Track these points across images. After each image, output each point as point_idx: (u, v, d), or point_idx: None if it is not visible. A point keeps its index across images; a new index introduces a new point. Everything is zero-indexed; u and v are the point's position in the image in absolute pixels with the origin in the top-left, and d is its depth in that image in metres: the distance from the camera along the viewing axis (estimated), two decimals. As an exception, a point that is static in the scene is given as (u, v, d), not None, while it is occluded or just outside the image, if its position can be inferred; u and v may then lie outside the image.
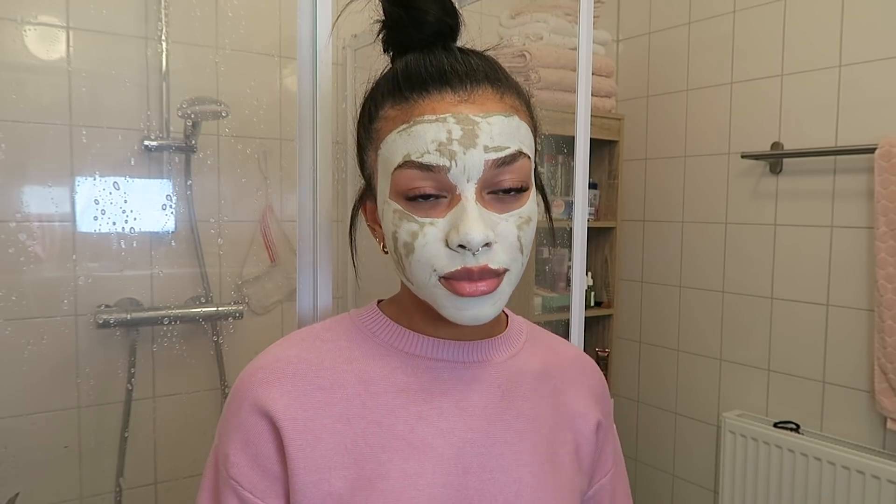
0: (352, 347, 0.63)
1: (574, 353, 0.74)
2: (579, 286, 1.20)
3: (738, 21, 1.95)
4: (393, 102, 0.57)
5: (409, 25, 0.57)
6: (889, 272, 1.57)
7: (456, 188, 0.54)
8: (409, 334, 0.63)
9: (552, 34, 1.94)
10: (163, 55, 1.61)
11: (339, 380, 0.60)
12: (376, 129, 0.59)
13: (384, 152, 0.57)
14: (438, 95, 0.55)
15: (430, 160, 0.54)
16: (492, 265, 0.55)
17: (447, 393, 0.61)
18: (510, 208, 0.56)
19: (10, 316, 1.46)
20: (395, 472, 0.57)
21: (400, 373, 0.61)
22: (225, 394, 1.70)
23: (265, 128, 1.75)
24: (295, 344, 0.63)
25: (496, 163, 0.55)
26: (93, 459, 1.58)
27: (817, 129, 1.77)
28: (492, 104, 0.56)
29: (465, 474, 0.59)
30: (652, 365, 2.26)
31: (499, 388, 0.64)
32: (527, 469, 0.61)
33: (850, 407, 1.72)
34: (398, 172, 0.55)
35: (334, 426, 0.58)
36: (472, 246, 0.53)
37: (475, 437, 0.60)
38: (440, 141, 0.54)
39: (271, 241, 1.75)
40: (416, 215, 0.55)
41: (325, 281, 0.86)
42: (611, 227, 2.15)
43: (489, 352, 0.65)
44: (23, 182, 1.48)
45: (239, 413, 0.59)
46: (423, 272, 0.56)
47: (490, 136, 0.54)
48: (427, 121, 0.54)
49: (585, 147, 1.17)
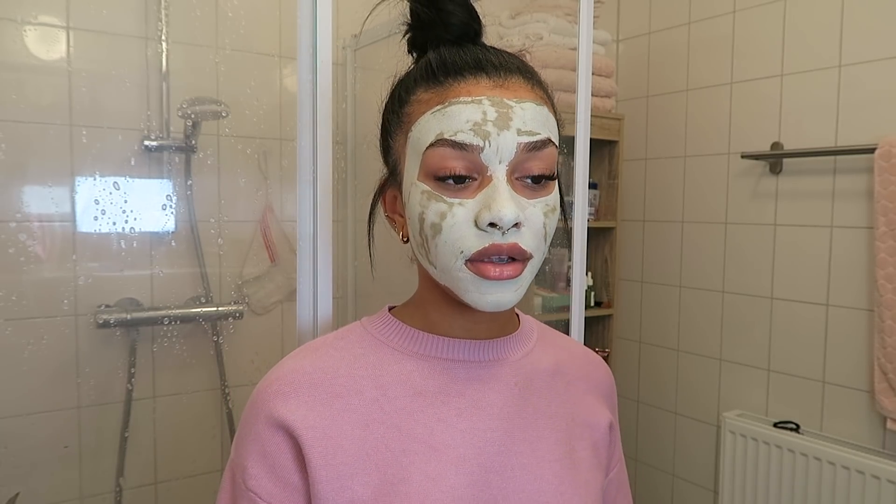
0: (366, 354, 0.63)
1: (583, 351, 0.75)
2: (579, 286, 1.20)
3: (738, 21, 1.95)
4: (427, 87, 0.58)
5: (437, 26, 0.60)
6: (889, 272, 1.57)
7: (487, 169, 0.55)
8: (423, 336, 0.63)
9: (552, 34, 1.94)
10: (163, 55, 1.61)
11: (355, 386, 0.60)
12: (407, 112, 0.59)
13: (416, 133, 0.57)
14: (474, 80, 0.57)
15: (464, 139, 0.54)
16: (522, 244, 0.55)
17: (464, 393, 0.61)
18: (538, 195, 0.57)
19: (10, 316, 1.46)
20: (417, 475, 0.57)
21: (416, 376, 0.61)
22: (225, 394, 1.71)
23: (265, 128, 1.75)
24: (308, 354, 0.63)
25: (528, 146, 0.56)
26: (93, 459, 1.58)
27: (817, 129, 1.77)
28: (524, 92, 0.58)
29: (486, 473, 0.59)
30: (652, 365, 2.26)
31: (516, 385, 0.64)
32: (547, 465, 0.62)
33: (850, 407, 1.72)
34: (430, 151, 0.56)
35: (353, 433, 0.58)
36: (503, 223, 0.53)
37: (494, 435, 0.60)
38: (475, 121, 0.54)
39: (271, 241, 1.75)
40: (445, 195, 0.55)
41: (325, 281, 0.86)
42: (611, 227, 2.15)
43: (504, 350, 0.65)
44: (23, 182, 1.48)
45: (255, 426, 0.58)
46: (450, 254, 0.56)
47: (523, 120, 0.56)
48: (463, 101, 0.55)
49: (585, 147, 1.17)
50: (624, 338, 2.35)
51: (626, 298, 2.34)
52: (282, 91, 1.79)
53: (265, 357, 1.75)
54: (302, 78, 0.83)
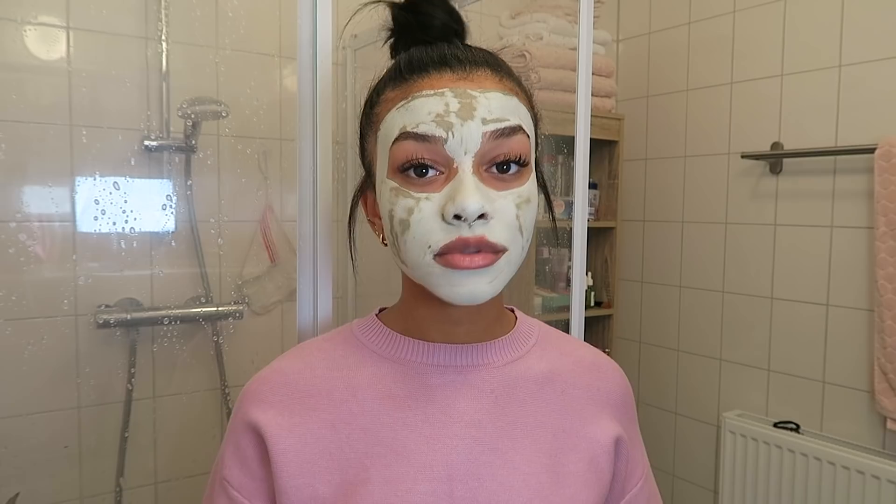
0: (346, 356, 0.64)
1: (592, 359, 0.70)
2: (579, 286, 1.20)
3: (738, 21, 1.95)
4: (394, 85, 0.59)
5: (417, 29, 0.59)
6: (889, 272, 1.57)
7: (453, 161, 0.54)
8: (401, 340, 0.63)
9: (552, 34, 1.94)
10: (163, 55, 1.61)
11: (327, 387, 0.61)
12: (376, 112, 0.60)
13: (383, 131, 0.58)
14: (437, 74, 0.57)
15: (427, 130, 0.54)
16: (489, 237, 0.54)
17: (434, 399, 0.60)
18: (509, 186, 0.56)
19: (10, 316, 1.46)
20: (377, 478, 0.57)
21: (388, 379, 0.62)
22: (225, 394, 1.70)
23: (265, 128, 1.74)
24: (294, 355, 0.65)
25: (494, 134, 0.55)
26: (93, 459, 1.58)
27: (817, 130, 1.77)
28: (490, 83, 0.57)
29: (451, 481, 0.57)
30: (652, 365, 2.26)
31: (492, 392, 0.62)
32: (520, 477, 0.59)
33: (850, 407, 1.72)
34: (395, 146, 0.55)
35: (320, 432, 0.59)
36: (467, 215, 0.52)
37: (461, 443, 0.59)
38: (437, 112, 0.54)
39: (271, 241, 1.75)
40: (412, 191, 0.55)
41: (325, 281, 0.86)
42: (611, 227, 2.14)
43: (487, 355, 0.63)
44: (23, 182, 1.48)
45: (234, 422, 0.63)
46: (418, 250, 0.55)
47: (488, 109, 0.55)
48: (425, 95, 0.55)
49: (585, 147, 1.17)
50: (624, 338, 2.35)
51: (626, 298, 2.34)
52: (282, 91, 1.79)
53: (265, 357, 1.73)
54: (302, 78, 0.83)
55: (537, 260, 2.01)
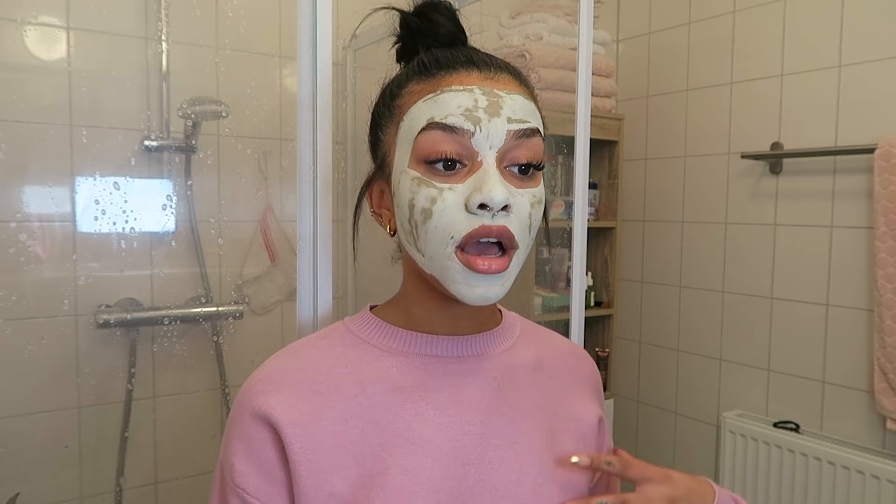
0: (346, 352, 0.64)
1: (568, 346, 0.76)
2: (579, 286, 1.20)
3: (738, 21, 1.95)
4: (419, 79, 0.61)
5: (427, 35, 0.63)
6: (889, 272, 1.57)
7: (478, 154, 0.57)
8: (402, 334, 0.65)
9: (552, 34, 1.94)
10: (163, 55, 1.61)
11: (335, 383, 0.61)
12: (398, 104, 0.61)
13: (407, 122, 0.59)
14: (466, 72, 0.59)
15: (455, 122, 0.56)
16: (511, 228, 0.56)
17: (442, 388, 0.63)
18: (525, 185, 0.59)
19: (10, 316, 1.46)
20: (395, 468, 0.58)
21: (394, 371, 0.63)
22: (225, 394, 1.71)
23: (265, 128, 1.75)
24: (291, 354, 0.65)
25: (517, 134, 0.57)
26: (93, 459, 1.58)
27: (817, 130, 1.77)
28: (513, 87, 0.60)
29: (464, 465, 0.60)
30: (652, 365, 2.26)
31: (494, 380, 0.65)
32: (526, 458, 0.63)
33: (850, 407, 1.73)
34: (421, 136, 0.57)
35: (333, 428, 0.59)
36: (494, 204, 0.54)
37: (472, 429, 0.62)
38: (466, 107, 0.56)
39: (271, 241, 1.75)
40: (435, 181, 0.57)
41: (325, 281, 0.86)
42: (611, 227, 2.15)
43: (485, 345, 0.66)
44: (23, 182, 1.48)
45: (241, 423, 0.60)
46: (440, 240, 0.56)
47: (513, 109, 0.58)
48: (455, 90, 0.57)
49: (585, 147, 1.17)
50: (624, 338, 2.35)
51: (626, 298, 2.34)
52: (282, 91, 1.79)
53: (265, 357, 1.73)
54: (302, 78, 0.83)
55: (537, 260, 2.01)
